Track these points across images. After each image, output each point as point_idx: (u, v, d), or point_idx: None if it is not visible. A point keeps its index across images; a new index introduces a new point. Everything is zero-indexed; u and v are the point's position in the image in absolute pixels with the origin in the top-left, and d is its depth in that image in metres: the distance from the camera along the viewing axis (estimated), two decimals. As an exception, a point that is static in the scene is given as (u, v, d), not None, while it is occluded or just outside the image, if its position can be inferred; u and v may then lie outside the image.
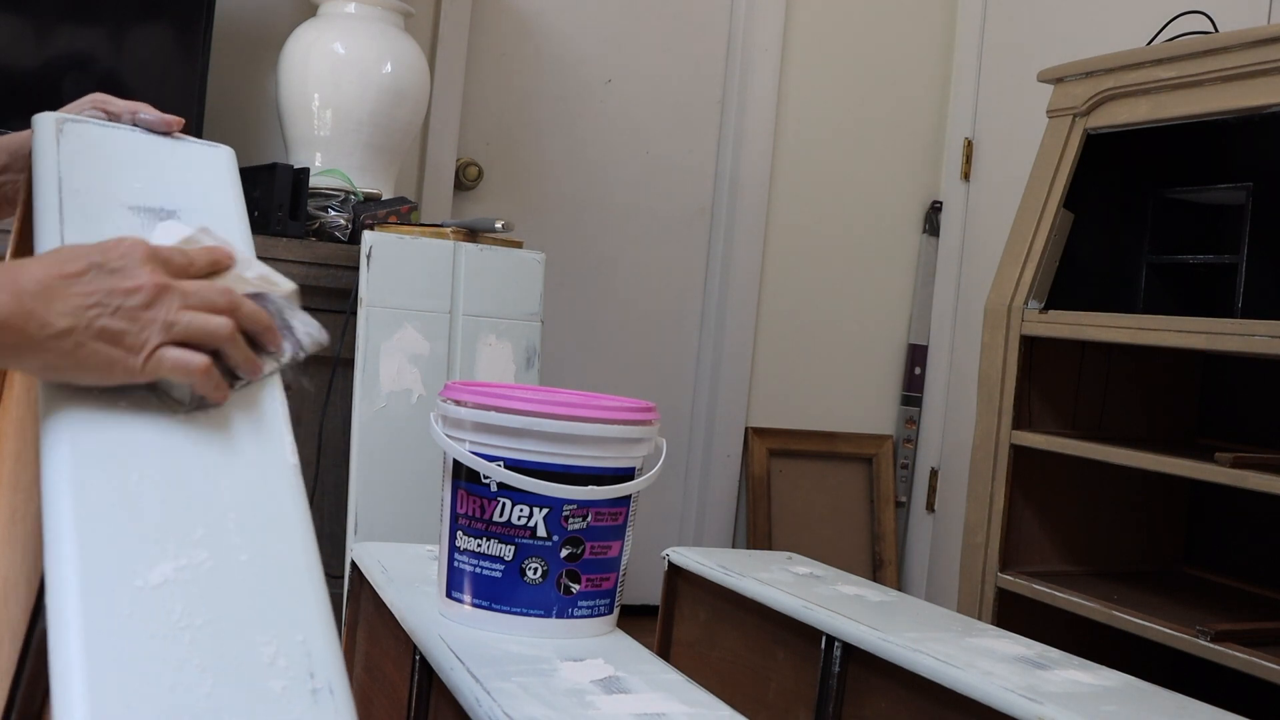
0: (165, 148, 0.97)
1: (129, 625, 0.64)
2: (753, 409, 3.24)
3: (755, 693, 1.42)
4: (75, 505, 0.68)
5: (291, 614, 0.69)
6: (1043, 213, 2.16)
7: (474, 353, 2.15)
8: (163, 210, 0.90)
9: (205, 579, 0.68)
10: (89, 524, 0.68)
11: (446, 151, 2.86)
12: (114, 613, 0.64)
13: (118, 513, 0.69)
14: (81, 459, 0.71)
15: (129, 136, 0.96)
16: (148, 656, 0.63)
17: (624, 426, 1.14)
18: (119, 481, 0.71)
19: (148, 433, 0.75)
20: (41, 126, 0.94)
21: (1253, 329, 1.75)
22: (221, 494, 0.73)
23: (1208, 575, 2.28)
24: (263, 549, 0.71)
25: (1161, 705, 1.12)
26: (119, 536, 0.68)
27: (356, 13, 2.42)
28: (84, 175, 0.91)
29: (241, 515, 0.72)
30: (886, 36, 3.34)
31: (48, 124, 0.94)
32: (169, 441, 0.75)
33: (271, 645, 0.67)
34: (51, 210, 0.86)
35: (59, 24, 2.23)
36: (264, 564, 0.71)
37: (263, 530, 0.72)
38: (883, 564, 3.28)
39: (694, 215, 3.19)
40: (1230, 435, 2.28)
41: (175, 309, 0.76)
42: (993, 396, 2.17)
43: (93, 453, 0.72)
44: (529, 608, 1.13)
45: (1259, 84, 1.84)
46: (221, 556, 0.70)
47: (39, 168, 0.91)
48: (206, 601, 0.67)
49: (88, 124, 0.95)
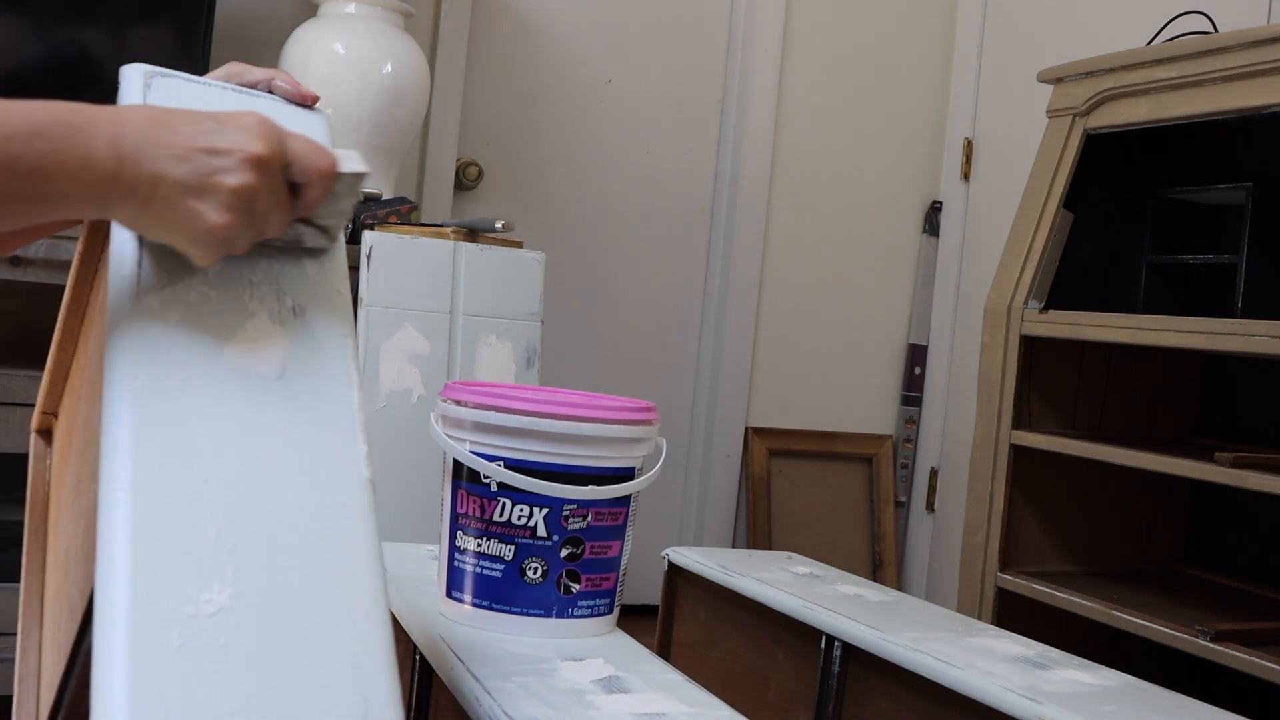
0: (261, 108, 0.88)
1: (178, 662, 0.60)
2: (753, 409, 3.24)
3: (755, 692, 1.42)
4: (131, 511, 0.64)
5: (351, 656, 0.64)
6: (1042, 213, 2.16)
7: (474, 353, 2.15)
8: None
9: (262, 608, 0.63)
10: (143, 536, 0.63)
11: (447, 151, 2.86)
12: (163, 646, 0.60)
13: (176, 523, 0.64)
14: (143, 447, 0.66)
15: (222, 95, 0.87)
16: (196, 699, 0.59)
17: (624, 426, 1.14)
18: (180, 483, 0.66)
19: (217, 415, 0.69)
20: (129, 80, 0.85)
21: (1252, 329, 1.75)
22: (287, 509, 0.68)
23: (1207, 575, 2.28)
24: (326, 579, 0.66)
25: (1161, 705, 1.12)
26: (175, 553, 0.63)
27: (357, 13, 2.42)
28: None
29: (307, 538, 0.67)
30: (886, 36, 3.34)
31: (135, 78, 0.85)
32: (239, 433, 0.69)
33: (327, 693, 0.62)
34: None
35: (59, 24, 2.23)
36: (326, 597, 0.66)
37: (328, 556, 0.67)
38: (882, 564, 3.28)
39: (694, 215, 3.19)
40: (1230, 435, 2.28)
41: (268, 202, 0.73)
42: (992, 396, 2.18)
43: (155, 440, 0.67)
44: (529, 607, 1.13)
45: (1259, 84, 1.84)
46: (281, 584, 0.65)
47: None
48: (261, 635, 0.63)
49: (178, 79, 0.86)
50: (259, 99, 0.89)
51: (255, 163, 0.72)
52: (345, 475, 0.72)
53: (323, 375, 0.76)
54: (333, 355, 0.77)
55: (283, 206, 0.75)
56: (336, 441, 0.73)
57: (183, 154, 0.70)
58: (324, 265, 0.81)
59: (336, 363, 0.77)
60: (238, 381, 0.72)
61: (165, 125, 0.71)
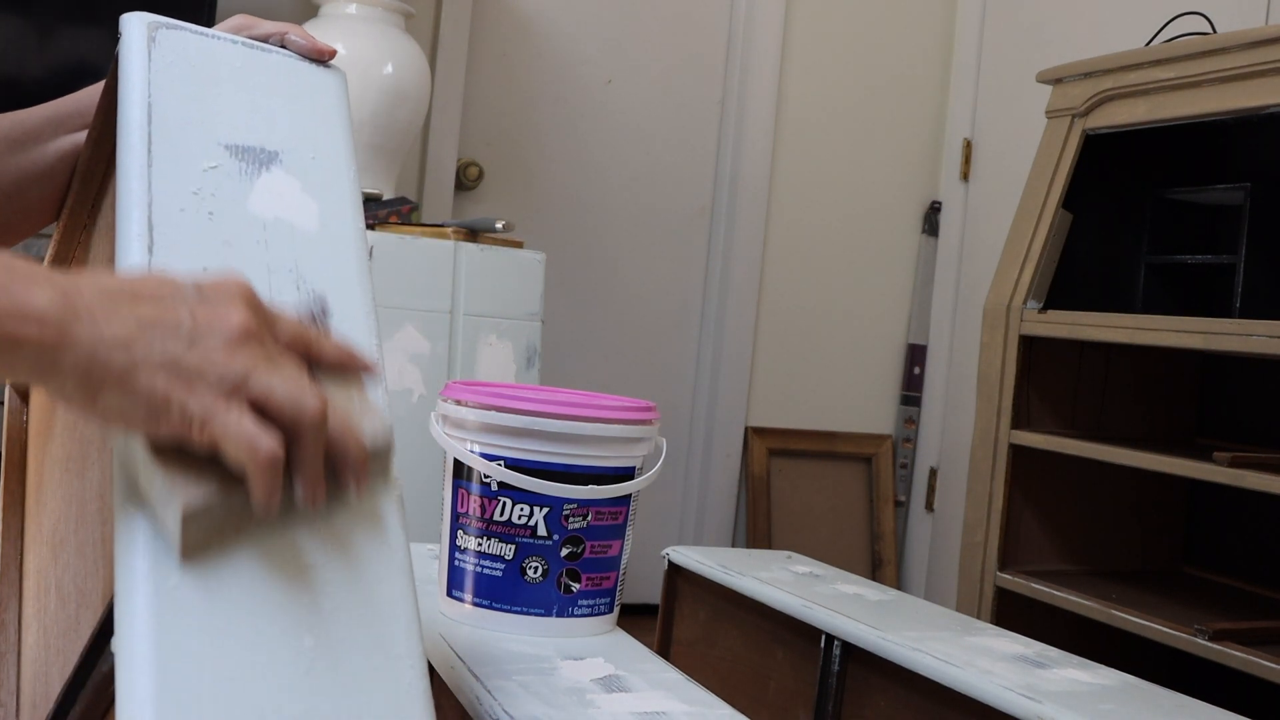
0: (272, 66, 0.81)
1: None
2: (752, 408, 3.24)
3: (755, 691, 1.42)
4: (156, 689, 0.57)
5: None
6: (1041, 213, 2.17)
7: (474, 352, 2.15)
8: (263, 151, 0.76)
9: None
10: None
11: (447, 152, 2.86)
12: None
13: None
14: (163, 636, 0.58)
15: (231, 50, 0.79)
16: None
17: (624, 426, 1.14)
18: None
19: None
20: (131, 30, 0.76)
21: (1251, 329, 1.75)
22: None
23: (1206, 574, 2.28)
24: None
25: (1160, 704, 1.13)
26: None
27: (357, 13, 2.42)
28: (178, 100, 0.75)
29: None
30: (886, 37, 3.34)
31: (138, 29, 0.76)
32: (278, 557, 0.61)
33: None
34: (136, 146, 0.71)
35: (59, 25, 2.23)
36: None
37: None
38: (882, 563, 3.28)
39: (694, 215, 3.19)
40: (1228, 435, 2.28)
41: (263, 362, 0.58)
42: (992, 396, 2.18)
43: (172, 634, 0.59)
44: (529, 607, 1.13)
45: (1257, 84, 1.85)
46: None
47: (124, 83, 0.74)
48: None
49: (184, 31, 0.78)
50: (271, 54, 0.82)
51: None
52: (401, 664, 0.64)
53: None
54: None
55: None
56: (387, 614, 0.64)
57: (152, 315, 0.57)
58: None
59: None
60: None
61: (131, 288, 0.58)
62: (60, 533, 0.89)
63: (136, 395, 0.55)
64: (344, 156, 0.80)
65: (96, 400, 0.55)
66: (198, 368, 0.56)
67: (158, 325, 0.56)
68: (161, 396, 0.55)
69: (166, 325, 0.56)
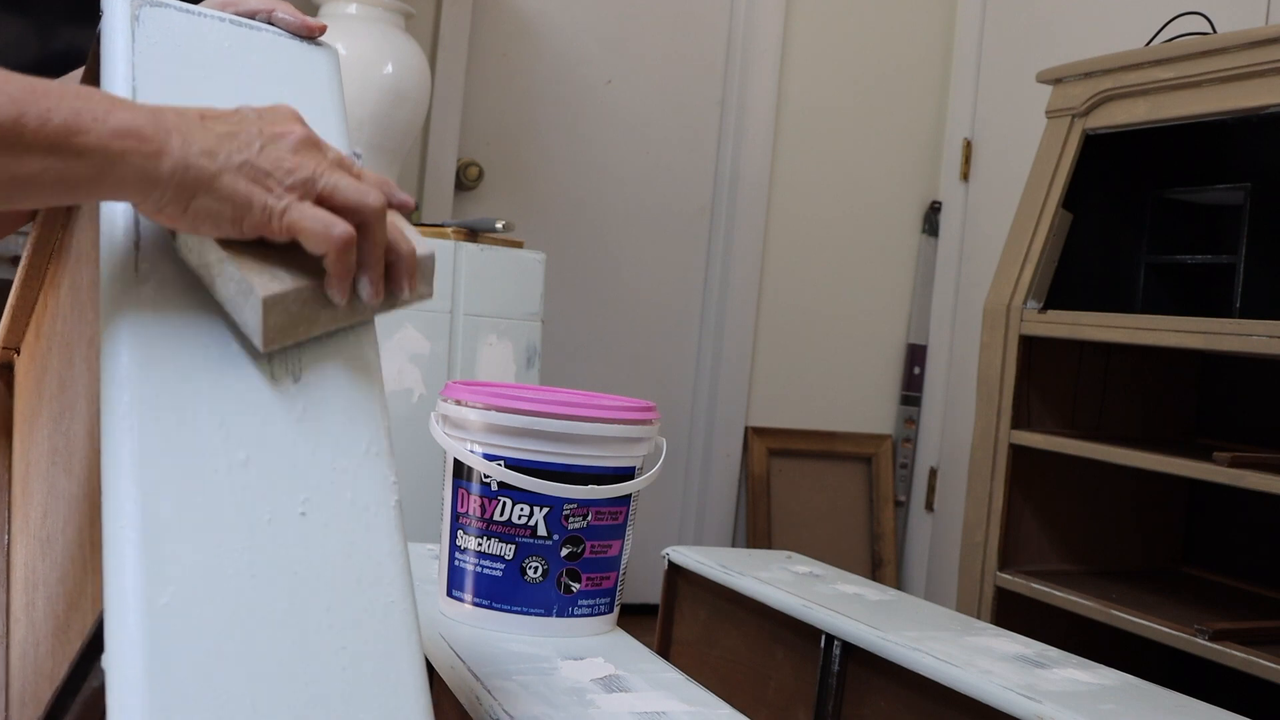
0: (262, 45, 0.80)
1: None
2: (752, 408, 3.24)
3: (755, 691, 1.42)
4: (143, 594, 0.59)
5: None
6: (1041, 213, 2.17)
7: (474, 352, 2.15)
8: None
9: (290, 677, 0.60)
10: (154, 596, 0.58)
11: (447, 152, 2.86)
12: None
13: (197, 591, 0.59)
14: (147, 475, 0.61)
15: (219, 29, 0.78)
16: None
17: (624, 426, 1.15)
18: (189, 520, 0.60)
19: (243, 418, 0.64)
20: (114, 8, 0.75)
21: (1251, 329, 1.75)
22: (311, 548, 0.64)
23: (1206, 574, 2.28)
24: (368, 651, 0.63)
25: (1160, 704, 1.13)
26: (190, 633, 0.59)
27: (357, 13, 2.42)
28: (163, 82, 0.73)
29: (340, 602, 0.63)
30: (886, 36, 3.34)
31: (121, 7, 0.75)
32: (263, 460, 0.63)
33: None
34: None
35: (60, 25, 2.23)
36: (364, 666, 0.62)
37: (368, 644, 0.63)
38: (882, 563, 3.28)
39: (694, 215, 3.19)
40: (1228, 435, 2.28)
41: (326, 165, 0.67)
42: (992, 396, 2.18)
43: (159, 466, 0.62)
44: (529, 607, 1.14)
45: (1257, 84, 1.85)
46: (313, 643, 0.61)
47: (107, 64, 0.74)
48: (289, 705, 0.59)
49: (169, 8, 0.77)
50: (260, 32, 0.80)
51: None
52: (376, 497, 0.68)
53: (341, 379, 0.70)
54: (352, 358, 0.71)
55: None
56: (361, 468, 0.68)
57: (229, 130, 0.65)
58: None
59: (356, 363, 0.71)
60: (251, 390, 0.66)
61: (204, 114, 0.66)
62: (49, 529, 0.88)
63: (223, 196, 0.63)
64: (337, 136, 0.79)
65: (189, 206, 0.63)
66: (272, 169, 0.65)
67: (234, 137, 0.64)
68: (244, 196, 0.64)
69: (240, 137, 0.64)
